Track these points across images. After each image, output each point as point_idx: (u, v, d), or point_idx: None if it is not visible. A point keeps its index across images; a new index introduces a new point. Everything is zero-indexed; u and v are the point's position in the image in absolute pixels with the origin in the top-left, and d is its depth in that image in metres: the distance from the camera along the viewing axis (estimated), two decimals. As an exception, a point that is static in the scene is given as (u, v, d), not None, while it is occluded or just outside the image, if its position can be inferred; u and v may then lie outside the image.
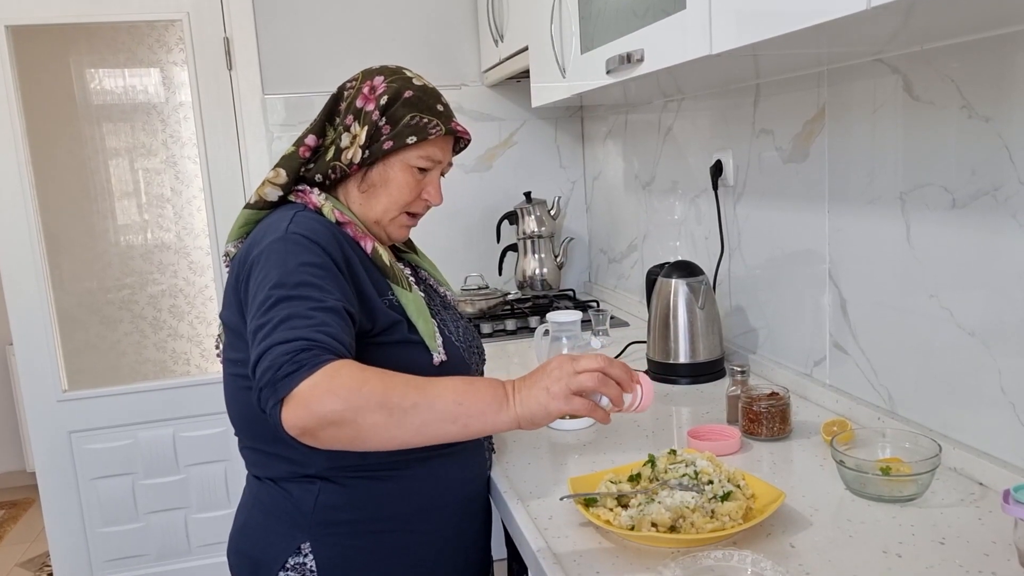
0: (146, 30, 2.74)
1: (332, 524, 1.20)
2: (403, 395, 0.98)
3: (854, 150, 1.48)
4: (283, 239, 1.14)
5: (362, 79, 1.29)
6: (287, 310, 1.03)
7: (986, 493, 1.19)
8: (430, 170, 1.31)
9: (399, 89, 1.26)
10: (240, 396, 1.24)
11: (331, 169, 1.27)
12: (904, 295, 1.39)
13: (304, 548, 1.20)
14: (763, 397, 1.46)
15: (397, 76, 1.29)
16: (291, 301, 1.04)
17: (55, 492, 2.77)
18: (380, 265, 1.24)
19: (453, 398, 1.00)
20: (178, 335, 2.89)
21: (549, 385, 1.03)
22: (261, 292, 1.08)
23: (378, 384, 0.98)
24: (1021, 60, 1.11)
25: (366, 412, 0.96)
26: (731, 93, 1.89)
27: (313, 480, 1.20)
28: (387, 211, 1.29)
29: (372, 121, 1.25)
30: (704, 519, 1.07)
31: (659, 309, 1.87)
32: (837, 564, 1.02)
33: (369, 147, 1.25)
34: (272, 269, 1.10)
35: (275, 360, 0.97)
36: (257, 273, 1.12)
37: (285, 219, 1.19)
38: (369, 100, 1.26)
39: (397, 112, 1.25)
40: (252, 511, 1.27)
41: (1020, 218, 1.14)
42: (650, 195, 2.42)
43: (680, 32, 1.30)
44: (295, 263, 1.09)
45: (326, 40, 2.76)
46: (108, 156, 2.77)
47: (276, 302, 1.05)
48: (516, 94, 2.90)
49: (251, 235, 1.24)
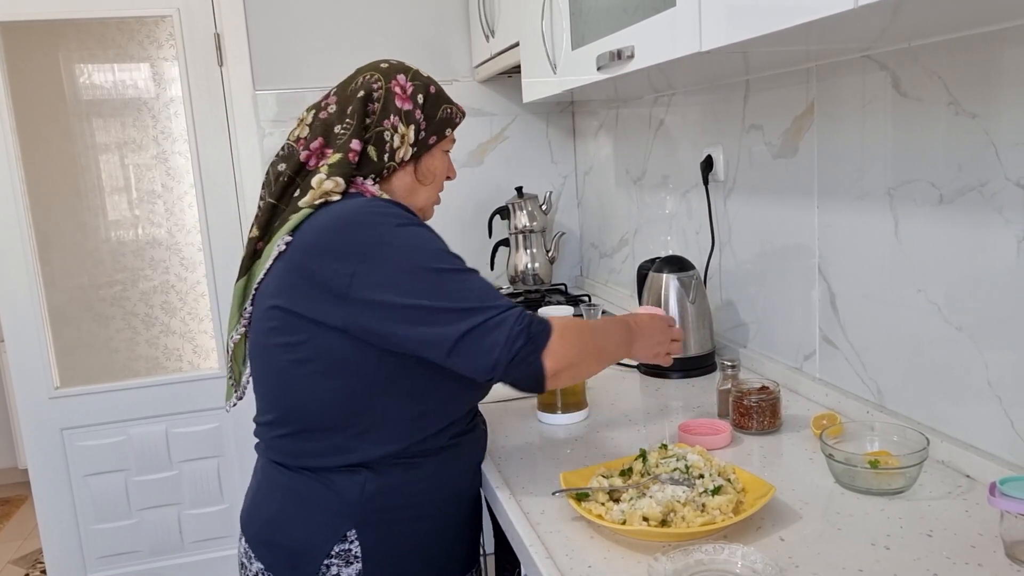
0: (136, 26, 2.73)
1: (377, 511, 1.25)
2: (595, 335, 1.26)
3: (843, 146, 1.49)
4: (404, 225, 1.20)
5: (385, 79, 1.33)
6: (474, 282, 1.18)
7: (973, 486, 1.21)
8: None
9: (425, 86, 1.36)
10: (300, 383, 1.23)
11: (386, 169, 1.33)
12: (892, 289, 1.40)
13: (350, 535, 1.24)
14: (753, 391, 1.48)
15: (414, 72, 1.37)
16: (466, 274, 1.18)
17: (48, 489, 2.76)
18: None
19: (615, 338, 1.32)
20: (170, 331, 2.89)
21: (658, 343, 1.41)
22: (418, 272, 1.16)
23: (588, 334, 1.24)
24: (1008, 57, 1.12)
25: (586, 353, 1.23)
26: (721, 89, 1.90)
27: (357, 469, 1.24)
28: (431, 196, 1.41)
29: (416, 119, 1.34)
30: (695, 513, 1.08)
31: (650, 303, 1.88)
32: (826, 556, 1.03)
33: (416, 143, 1.34)
34: (414, 252, 1.17)
35: (522, 323, 1.15)
36: (387, 259, 1.16)
37: (374, 205, 1.22)
38: (406, 100, 1.33)
39: (430, 109, 1.36)
40: (285, 502, 1.27)
41: (1006, 213, 1.15)
42: (641, 190, 2.43)
43: (670, 29, 1.30)
44: (438, 242, 1.21)
45: (317, 35, 2.75)
46: (98, 152, 2.76)
47: (455, 275, 1.17)
48: (507, 89, 2.90)
49: (321, 223, 1.21)
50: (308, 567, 1.24)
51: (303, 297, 1.20)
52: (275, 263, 1.24)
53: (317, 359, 1.20)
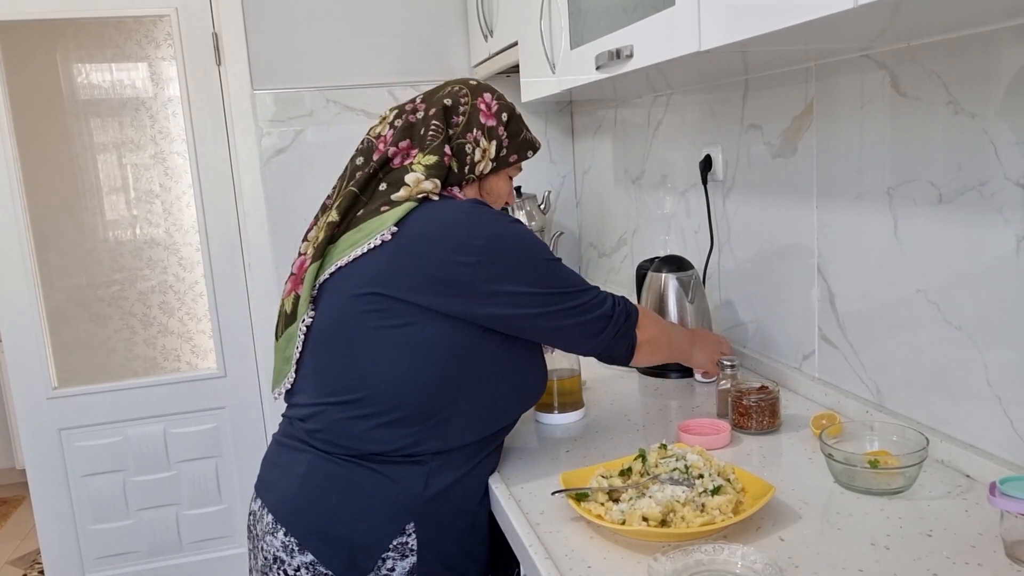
0: (134, 25, 2.73)
1: (436, 505, 1.28)
2: (671, 331, 1.53)
3: (842, 145, 1.49)
4: (513, 221, 1.31)
5: (472, 95, 1.40)
6: (571, 270, 1.35)
7: (973, 485, 1.21)
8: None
9: (509, 107, 1.43)
10: (399, 366, 1.25)
11: (465, 180, 1.39)
12: (892, 289, 1.40)
13: (408, 528, 1.26)
14: (753, 391, 1.47)
15: (499, 94, 1.45)
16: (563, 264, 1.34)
17: (45, 489, 2.76)
18: None
19: (681, 339, 1.57)
20: (168, 331, 2.88)
21: (712, 354, 1.62)
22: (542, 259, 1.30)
23: (663, 321, 1.53)
24: (1007, 56, 1.12)
25: (663, 338, 1.48)
26: (720, 88, 1.89)
27: (421, 461, 1.27)
28: None
29: (499, 136, 1.41)
30: (694, 513, 1.08)
31: (649, 303, 1.88)
32: (826, 556, 1.03)
33: (496, 159, 1.41)
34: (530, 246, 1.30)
35: (620, 305, 1.39)
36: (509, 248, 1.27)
37: (482, 207, 1.31)
38: (490, 117, 1.40)
39: (512, 128, 1.43)
40: (346, 494, 1.26)
41: (1006, 213, 1.15)
42: (640, 190, 2.43)
43: (669, 28, 1.30)
44: (540, 241, 1.34)
45: (315, 35, 2.75)
46: (96, 151, 2.76)
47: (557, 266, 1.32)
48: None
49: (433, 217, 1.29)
50: (366, 560, 1.25)
51: (417, 285, 1.25)
52: (375, 251, 1.27)
53: (420, 343, 1.25)
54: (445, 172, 1.34)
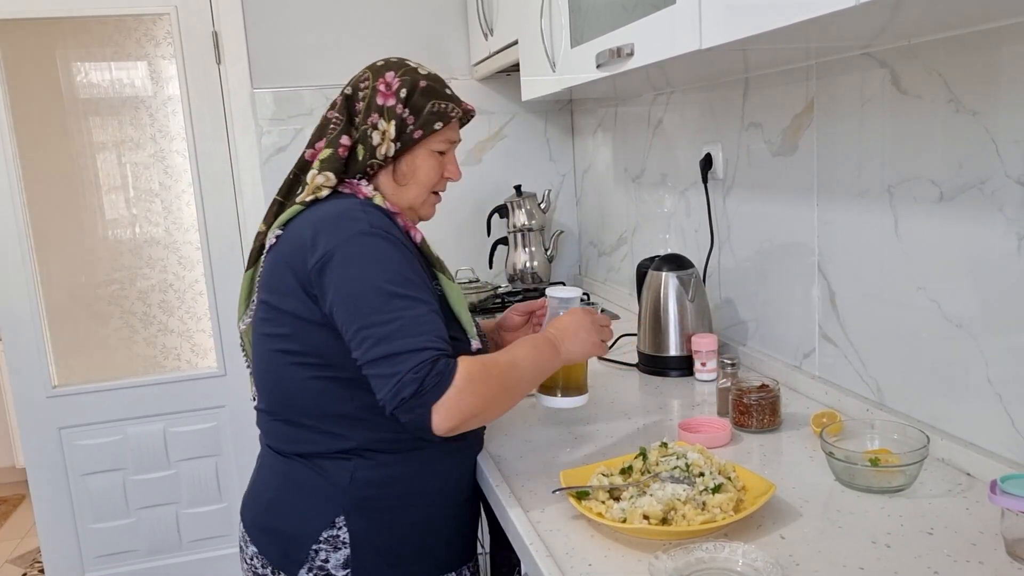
0: (133, 24, 2.72)
1: (366, 498, 1.27)
2: (508, 376, 1.22)
3: (842, 143, 1.49)
4: (370, 234, 1.21)
5: (373, 77, 1.34)
6: (405, 312, 1.16)
7: (973, 483, 1.21)
8: (447, 151, 1.40)
9: (413, 81, 1.33)
10: (284, 371, 1.28)
11: (368, 167, 1.33)
12: (892, 287, 1.40)
13: (338, 521, 1.27)
14: (753, 389, 1.47)
15: (406, 68, 1.35)
16: (405, 301, 1.17)
17: (45, 488, 2.76)
18: (427, 254, 1.33)
19: (532, 365, 1.27)
20: (168, 330, 2.88)
21: (586, 338, 1.34)
22: (364, 287, 1.17)
23: (497, 374, 1.19)
24: (1007, 54, 1.12)
25: (494, 399, 1.19)
26: (720, 87, 1.89)
27: (348, 456, 1.27)
28: (418, 196, 1.38)
29: (397, 115, 1.32)
30: (695, 511, 1.08)
31: (649, 302, 1.88)
32: (827, 555, 1.03)
33: (399, 139, 1.32)
34: (371, 264, 1.19)
35: (417, 373, 1.11)
36: (347, 265, 1.19)
37: (356, 208, 1.25)
38: (388, 96, 1.32)
39: (418, 102, 1.33)
40: (281, 489, 1.32)
41: (1007, 211, 1.15)
42: (640, 188, 2.43)
43: (670, 27, 1.30)
44: (395, 262, 1.20)
45: (315, 33, 2.75)
46: (96, 150, 2.75)
47: (390, 301, 1.16)
48: (506, 87, 2.90)
49: (308, 219, 1.26)
50: (298, 552, 1.27)
51: (286, 291, 1.25)
52: (267, 257, 1.31)
53: (304, 352, 1.26)
54: (340, 164, 1.31)
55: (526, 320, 1.56)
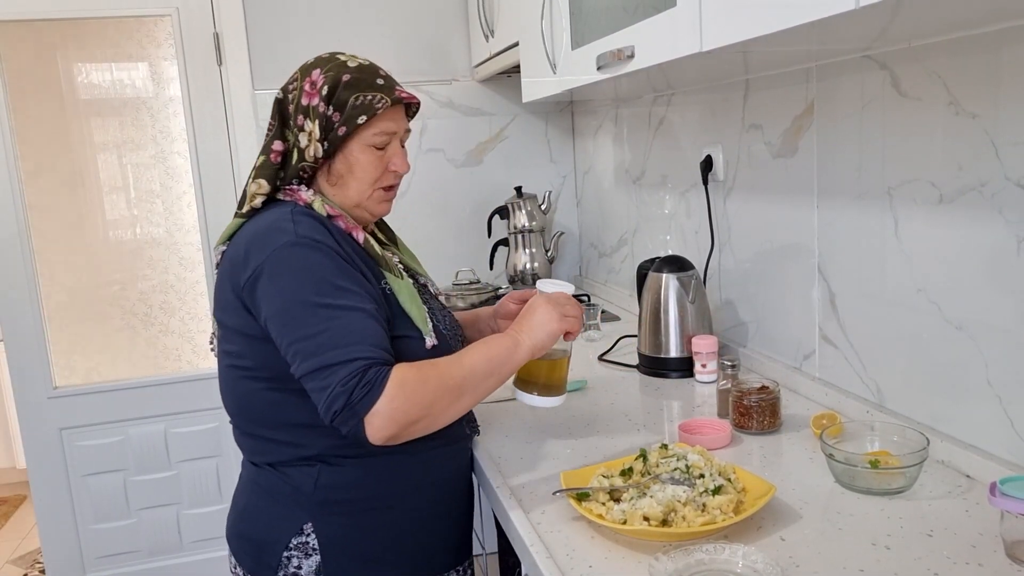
0: (135, 25, 2.73)
1: (331, 503, 1.26)
2: (452, 376, 1.18)
3: (843, 145, 1.49)
4: (296, 244, 1.19)
5: (301, 77, 1.32)
6: (333, 323, 1.14)
7: (973, 485, 1.21)
8: (389, 143, 1.33)
9: (336, 76, 1.28)
10: (239, 386, 1.29)
11: (301, 170, 1.31)
12: (892, 289, 1.40)
13: (307, 528, 1.26)
14: (753, 391, 1.48)
15: (332, 63, 1.31)
16: (334, 311, 1.15)
17: (46, 489, 2.76)
18: (372, 255, 1.29)
19: (485, 360, 1.21)
20: (169, 331, 2.88)
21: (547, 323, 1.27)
22: (291, 300, 1.16)
23: (435, 376, 1.16)
24: (1008, 57, 1.12)
25: (435, 403, 1.15)
26: (721, 88, 1.89)
27: (312, 463, 1.26)
28: (361, 193, 1.32)
29: (320, 113, 1.27)
30: (695, 512, 1.08)
31: (650, 303, 1.88)
32: (827, 556, 1.03)
33: (326, 138, 1.28)
34: (297, 276, 1.17)
35: (346, 384, 1.10)
36: (274, 279, 1.18)
37: (285, 218, 1.23)
38: (312, 95, 1.28)
39: (340, 97, 1.27)
40: (251, 496, 1.33)
41: (1006, 213, 1.15)
42: (640, 189, 2.43)
43: (670, 29, 1.30)
44: (323, 271, 1.17)
45: (316, 35, 2.75)
46: (97, 151, 2.76)
47: (316, 312, 1.14)
48: (507, 89, 2.90)
49: (244, 234, 1.27)
50: (269, 559, 1.28)
51: (230, 309, 1.25)
52: (216, 273, 1.31)
53: (254, 367, 1.25)
54: (273, 170, 1.30)
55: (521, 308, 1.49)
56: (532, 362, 1.32)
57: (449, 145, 2.91)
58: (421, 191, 2.90)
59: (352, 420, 1.11)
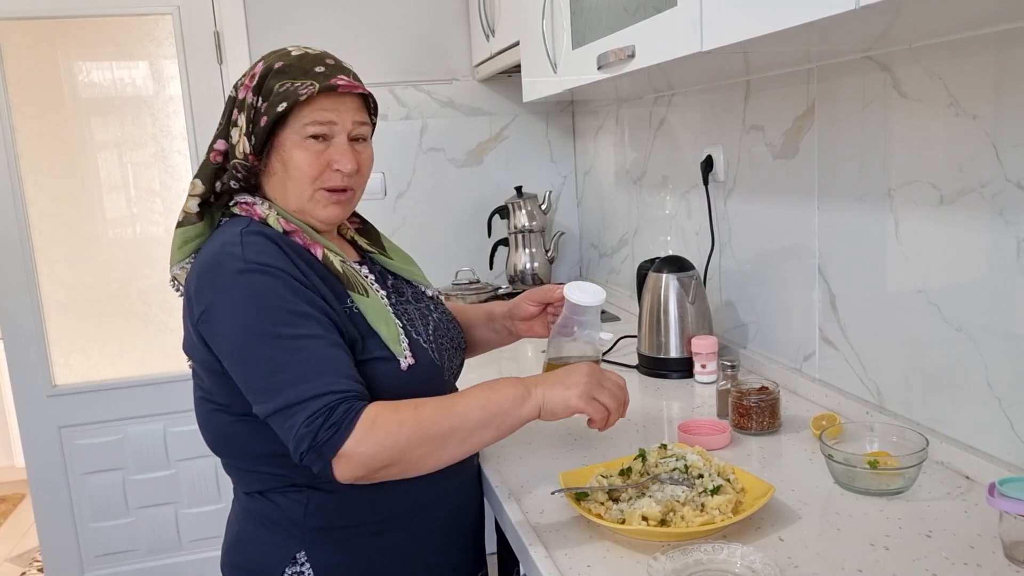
0: (135, 23, 2.73)
1: (325, 530, 1.18)
2: (438, 422, 1.06)
3: (843, 146, 1.49)
4: (245, 270, 1.08)
5: (248, 72, 1.22)
6: (293, 356, 1.04)
7: (972, 486, 1.21)
8: (331, 137, 1.19)
9: (270, 64, 1.18)
10: (213, 419, 1.20)
11: (235, 169, 1.20)
12: (892, 290, 1.40)
13: (300, 557, 1.18)
14: (753, 391, 1.47)
15: (275, 53, 1.21)
16: (292, 342, 1.05)
17: (45, 487, 2.76)
18: (334, 272, 1.18)
19: (481, 408, 1.09)
20: (168, 329, 2.88)
21: (577, 382, 1.12)
22: (245, 335, 1.06)
23: (414, 421, 1.05)
24: (1008, 58, 1.12)
25: (410, 450, 1.05)
26: (722, 89, 1.89)
27: (301, 489, 1.18)
28: (300, 195, 1.19)
29: (249, 104, 1.17)
30: (694, 512, 1.08)
31: (650, 304, 1.88)
32: (825, 557, 1.03)
33: (252, 132, 1.17)
34: (248, 306, 1.07)
35: (311, 425, 1.01)
36: (225, 312, 1.08)
37: (234, 241, 1.12)
38: (248, 88, 1.19)
39: (267, 85, 1.16)
40: (243, 524, 1.25)
41: (1007, 215, 1.15)
42: (641, 190, 2.43)
43: (671, 29, 1.30)
44: (276, 298, 1.07)
45: (316, 34, 2.75)
46: (97, 149, 2.75)
47: (273, 345, 1.05)
48: (507, 89, 2.90)
49: (196, 262, 1.18)
50: None
51: (190, 343, 1.17)
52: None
53: (223, 401, 1.16)
54: (210, 171, 1.20)
55: (541, 310, 1.41)
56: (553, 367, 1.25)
57: (449, 145, 2.91)
58: (421, 191, 2.90)
59: (319, 462, 1.03)
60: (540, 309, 1.41)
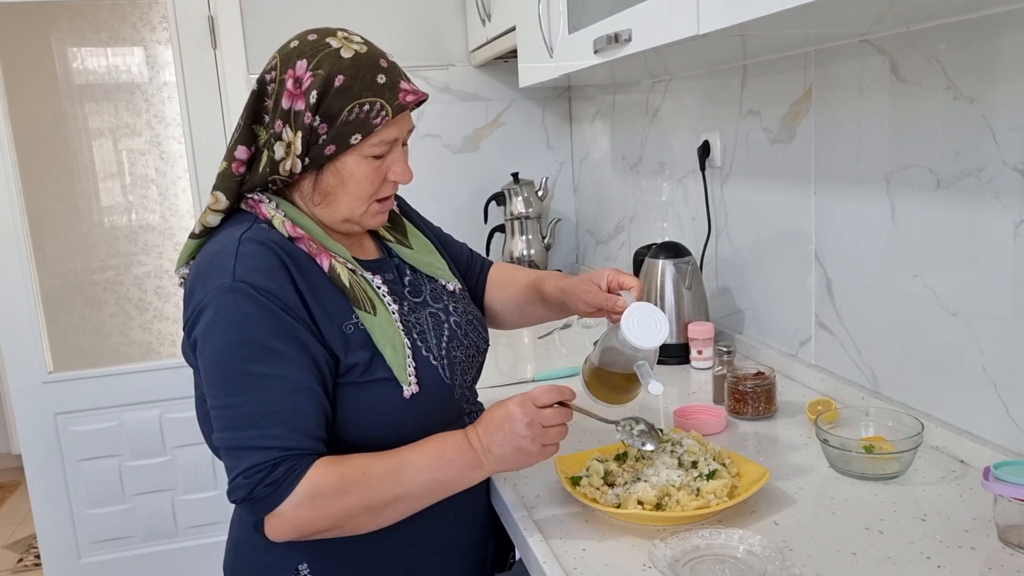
0: (129, 8, 2.71)
1: (328, 544, 1.11)
2: (383, 491, 1.04)
3: (840, 131, 1.48)
4: (231, 289, 1.02)
5: (281, 66, 1.10)
6: (256, 396, 1.01)
7: (967, 471, 1.21)
8: (389, 152, 1.16)
9: (327, 77, 1.07)
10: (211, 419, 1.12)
11: (270, 182, 1.12)
12: (889, 275, 1.40)
13: (302, 569, 1.13)
14: (749, 377, 1.48)
15: (323, 55, 1.08)
16: (259, 381, 1.01)
17: (41, 474, 2.76)
18: (339, 286, 1.10)
19: (430, 474, 1.06)
20: (164, 316, 2.88)
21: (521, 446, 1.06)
22: (217, 360, 1.03)
23: (358, 488, 1.02)
24: (1006, 42, 1.12)
25: (352, 518, 1.03)
26: (718, 74, 1.89)
27: None
28: (354, 208, 1.15)
29: (306, 125, 1.07)
30: (689, 497, 1.08)
31: (646, 290, 1.87)
32: (820, 540, 1.03)
33: (308, 155, 1.09)
34: (226, 331, 1.02)
35: (250, 477, 0.99)
36: (207, 327, 1.03)
37: (230, 249, 1.06)
38: (297, 97, 1.07)
39: (331, 107, 1.07)
40: (241, 533, 1.21)
41: (1003, 199, 1.15)
42: (637, 176, 2.42)
43: (667, 12, 1.29)
44: (255, 328, 1.02)
45: (311, 18, 2.72)
46: (91, 136, 2.75)
47: (238, 380, 1.01)
48: (503, 74, 2.89)
49: (196, 261, 1.13)
50: None
51: (186, 345, 1.12)
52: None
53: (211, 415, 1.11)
54: (234, 183, 1.11)
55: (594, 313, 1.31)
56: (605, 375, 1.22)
57: (446, 130, 2.89)
58: (417, 177, 2.83)
59: (252, 515, 1.00)
60: (594, 312, 1.31)
